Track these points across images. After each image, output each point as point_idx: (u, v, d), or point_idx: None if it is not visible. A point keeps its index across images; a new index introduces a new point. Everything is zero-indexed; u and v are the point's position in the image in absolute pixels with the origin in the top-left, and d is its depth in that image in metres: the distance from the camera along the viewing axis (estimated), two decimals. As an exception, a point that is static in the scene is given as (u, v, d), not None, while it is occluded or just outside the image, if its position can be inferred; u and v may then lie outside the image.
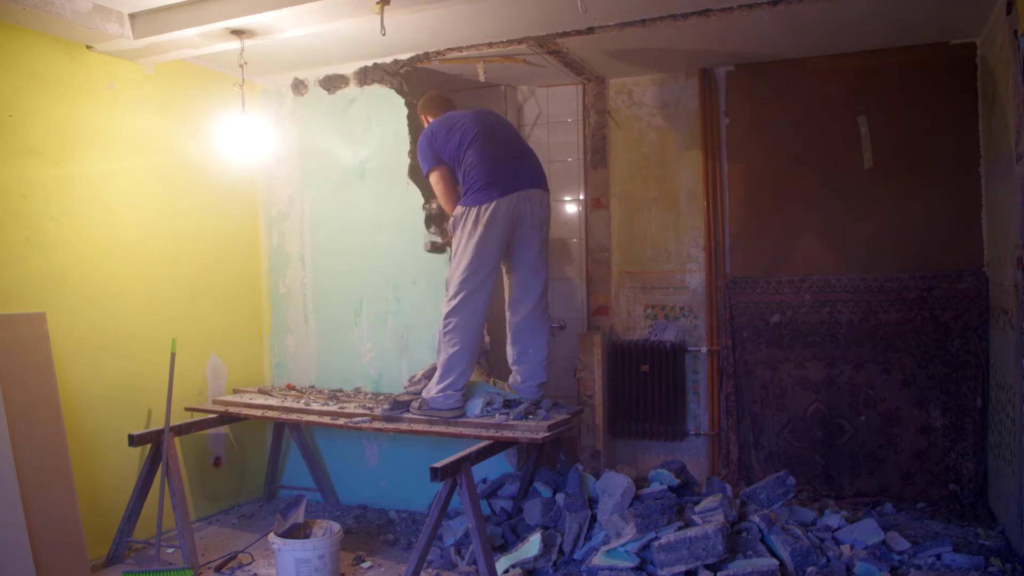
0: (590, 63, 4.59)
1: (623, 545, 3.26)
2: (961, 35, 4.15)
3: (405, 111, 4.36)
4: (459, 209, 3.67)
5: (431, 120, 3.96)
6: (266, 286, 4.83)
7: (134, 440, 3.71)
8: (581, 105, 5.01)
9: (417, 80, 4.53)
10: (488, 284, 3.66)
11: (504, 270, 3.87)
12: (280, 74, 4.64)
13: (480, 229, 3.58)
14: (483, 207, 3.59)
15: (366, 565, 3.68)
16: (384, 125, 4.43)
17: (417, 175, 4.26)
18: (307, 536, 3.45)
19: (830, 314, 4.46)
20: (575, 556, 3.40)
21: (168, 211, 4.18)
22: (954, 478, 4.22)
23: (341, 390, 4.42)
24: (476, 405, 3.65)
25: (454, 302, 3.64)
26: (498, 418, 3.54)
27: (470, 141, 3.68)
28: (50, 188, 3.61)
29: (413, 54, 4.25)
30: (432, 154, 3.78)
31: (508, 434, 3.45)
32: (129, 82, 3.98)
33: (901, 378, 4.33)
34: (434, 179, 3.83)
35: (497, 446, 3.52)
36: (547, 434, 3.40)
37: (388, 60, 4.34)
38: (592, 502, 3.57)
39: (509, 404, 3.69)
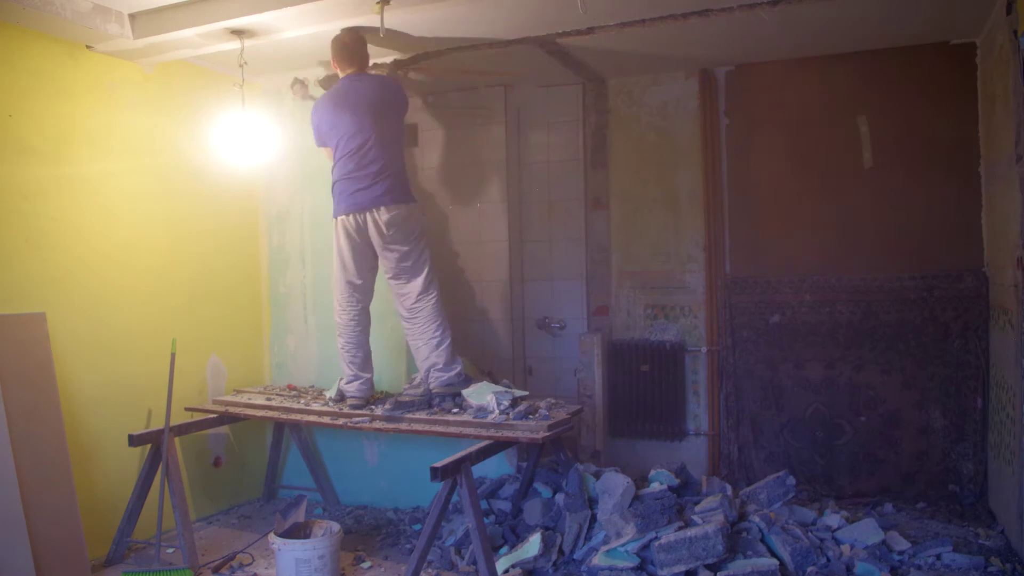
0: (590, 63, 4.59)
1: (623, 545, 3.26)
2: (961, 35, 4.15)
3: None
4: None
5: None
6: (266, 286, 4.83)
7: (134, 440, 3.71)
8: (581, 105, 5.00)
9: (417, 80, 4.53)
10: None
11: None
12: (280, 74, 4.63)
13: None
14: None
15: (366, 565, 3.68)
16: (384, 125, 4.41)
17: None
18: (307, 536, 3.45)
19: (830, 314, 4.46)
20: (575, 556, 3.40)
21: (168, 211, 4.18)
22: (954, 478, 4.22)
23: (341, 390, 4.41)
24: (477, 404, 3.65)
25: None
26: (498, 418, 3.54)
27: None
28: (50, 188, 3.61)
29: (413, 54, 4.25)
30: None
31: (508, 434, 3.45)
32: (129, 82, 3.98)
33: (901, 379, 4.33)
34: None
35: (497, 446, 3.52)
36: (547, 434, 3.40)
37: (388, 60, 4.34)
38: (592, 502, 3.57)
39: (510, 403, 3.68)
